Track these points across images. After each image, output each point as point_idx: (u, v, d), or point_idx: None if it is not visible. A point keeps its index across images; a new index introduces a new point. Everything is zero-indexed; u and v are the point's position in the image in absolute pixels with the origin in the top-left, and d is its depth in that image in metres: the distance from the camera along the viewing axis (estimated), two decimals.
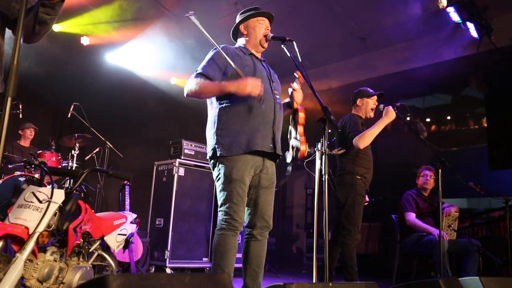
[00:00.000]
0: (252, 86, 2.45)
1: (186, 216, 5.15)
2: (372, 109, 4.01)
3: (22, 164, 4.29)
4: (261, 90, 2.48)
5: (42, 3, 1.88)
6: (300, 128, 3.26)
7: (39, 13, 1.90)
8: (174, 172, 5.15)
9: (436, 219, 4.54)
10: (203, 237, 5.28)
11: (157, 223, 5.20)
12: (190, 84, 2.61)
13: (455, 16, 5.15)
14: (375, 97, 4.03)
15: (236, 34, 2.96)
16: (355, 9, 5.72)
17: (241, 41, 2.91)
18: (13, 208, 2.14)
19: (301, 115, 3.02)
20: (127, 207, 4.65)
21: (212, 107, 2.72)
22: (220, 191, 2.59)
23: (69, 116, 5.59)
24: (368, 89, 4.07)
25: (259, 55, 2.89)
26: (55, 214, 2.21)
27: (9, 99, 1.38)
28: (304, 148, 2.70)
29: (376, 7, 5.44)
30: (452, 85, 7.29)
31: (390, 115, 3.75)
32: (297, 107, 2.92)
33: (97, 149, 5.86)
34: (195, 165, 5.38)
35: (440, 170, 3.62)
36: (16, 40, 1.38)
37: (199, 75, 2.63)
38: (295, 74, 3.02)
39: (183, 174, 5.22)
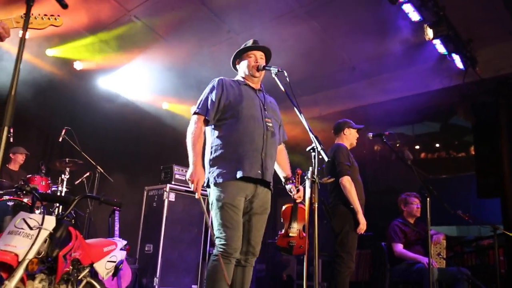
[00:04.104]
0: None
1: (176, 242, 5.10)
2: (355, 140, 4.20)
3: (13, 190, 4.27)
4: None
5: None
6: (300, 225, 3.80)
7: None
8: (164, 198, 5.12)
9: (424, 247, 4.55)
10: (192, 264, 5.22)
11: (146, 249, 5.14)
12: (190, 125, 2.81)
13: (441, 48, 5.29)
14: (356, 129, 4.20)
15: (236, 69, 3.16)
16: (345, 40, 5.88)
17: (238, 74, 3.09)
18: (3, 235, 2.13)
19: (301, 211, 3.60)
20: (117, 232, 4.61)
21: (210, 136, 2.88)
22: (215, 217, 2.65)
23: (60, 140, 5.58)
24: (351, 121, 4.24)
25: (254, 85, 3.00)
26: (45, 241, 2.20)
27: (6, 128, 1.41)
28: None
29: (365, 38, 5.59)
30: (440, 113, 7.42)
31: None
32: (298, 204, 3.33)
33: (87, 174, 5.83)
34: (186, 191, 5.36)
35: (428, 199, 3.66)
36: (15, 73, 1.42)
37: (196, 113, 2.82)
38: (296, 171, 3.31)
39: (173, 200, 5.20)
